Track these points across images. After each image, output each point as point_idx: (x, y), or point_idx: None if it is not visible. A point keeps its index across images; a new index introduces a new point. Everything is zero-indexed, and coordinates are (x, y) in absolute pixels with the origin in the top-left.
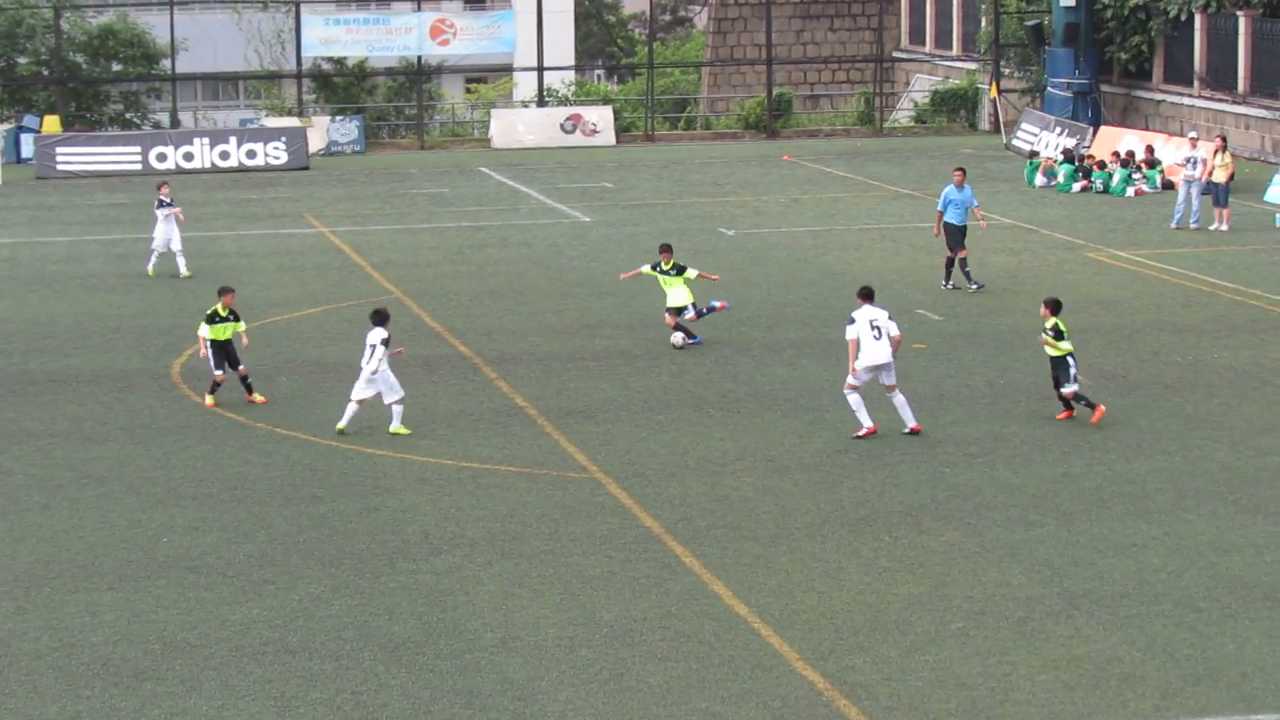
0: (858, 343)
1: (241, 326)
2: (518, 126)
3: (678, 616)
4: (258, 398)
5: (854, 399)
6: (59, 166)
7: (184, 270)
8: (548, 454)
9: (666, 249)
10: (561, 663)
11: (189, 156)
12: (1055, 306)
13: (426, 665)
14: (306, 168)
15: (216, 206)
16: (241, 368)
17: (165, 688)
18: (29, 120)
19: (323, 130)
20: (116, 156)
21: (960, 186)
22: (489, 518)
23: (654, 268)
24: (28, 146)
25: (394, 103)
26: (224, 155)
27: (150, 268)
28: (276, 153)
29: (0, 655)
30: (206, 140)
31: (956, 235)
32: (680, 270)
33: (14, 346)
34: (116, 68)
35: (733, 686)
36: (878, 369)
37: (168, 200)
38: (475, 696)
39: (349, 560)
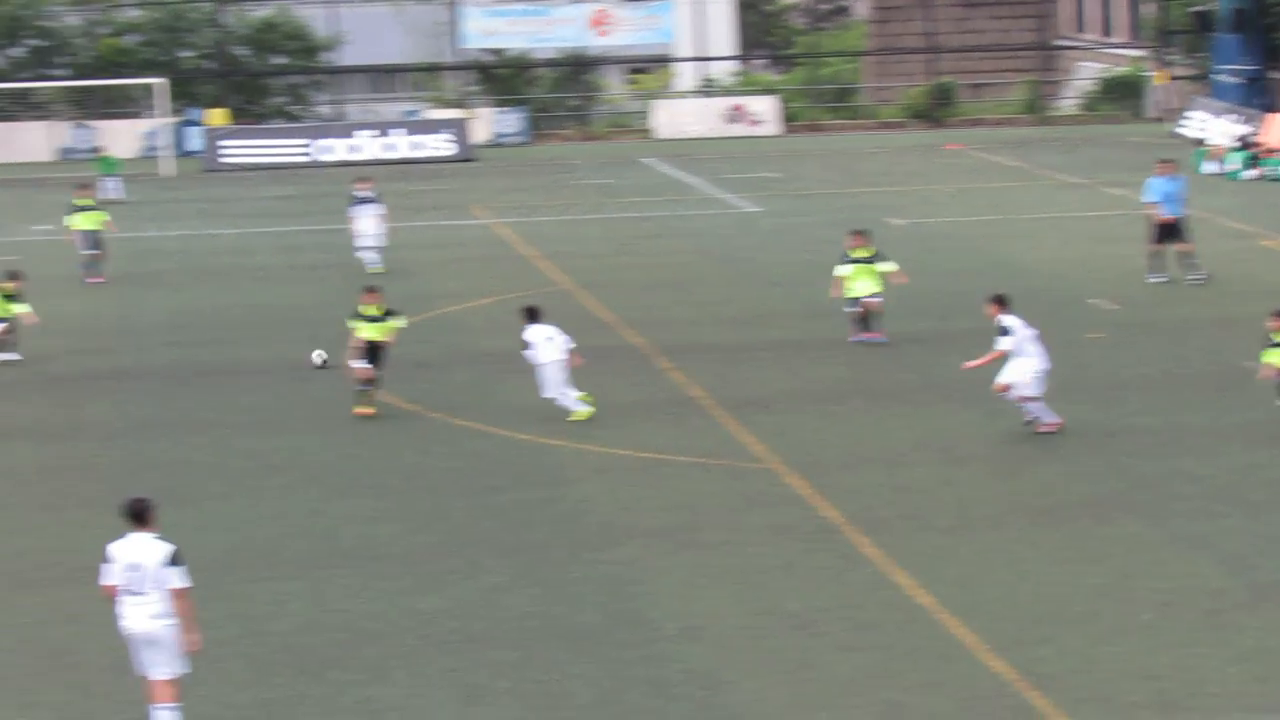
0: (1011, 353)
1: (399, 323)
2: (680, 117)
3: (860, 607)
4: (368, 410)
5: (1035, 406)
6: (226, 159)
7: (372, 265)
8: (723, 444)
9: (859, 235)
10: (746, 652)
11: (355, 149)
12: None
13: (611, 655)
14: (472, 159)
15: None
16: (379, 371)
17: (352, 676)
18: (195, 113)
19: (487, 122)
20: (283, 149)
21: (1170, 177)
22: (667, 508)
23: (844, 261)
24: (195, 140)
25: (556, 94)
26: (389, 147)
27: (378, 264)
28: (442, 144)
29: None
30: (373, 132)
31: (1170, 229)
32: (878, 258)
33: (187, 338)
34: (279, 60)
35: (917, 677)
36: (1040, 375)
37: (368, 196)
38: (662, 686)
39: (529, 550)
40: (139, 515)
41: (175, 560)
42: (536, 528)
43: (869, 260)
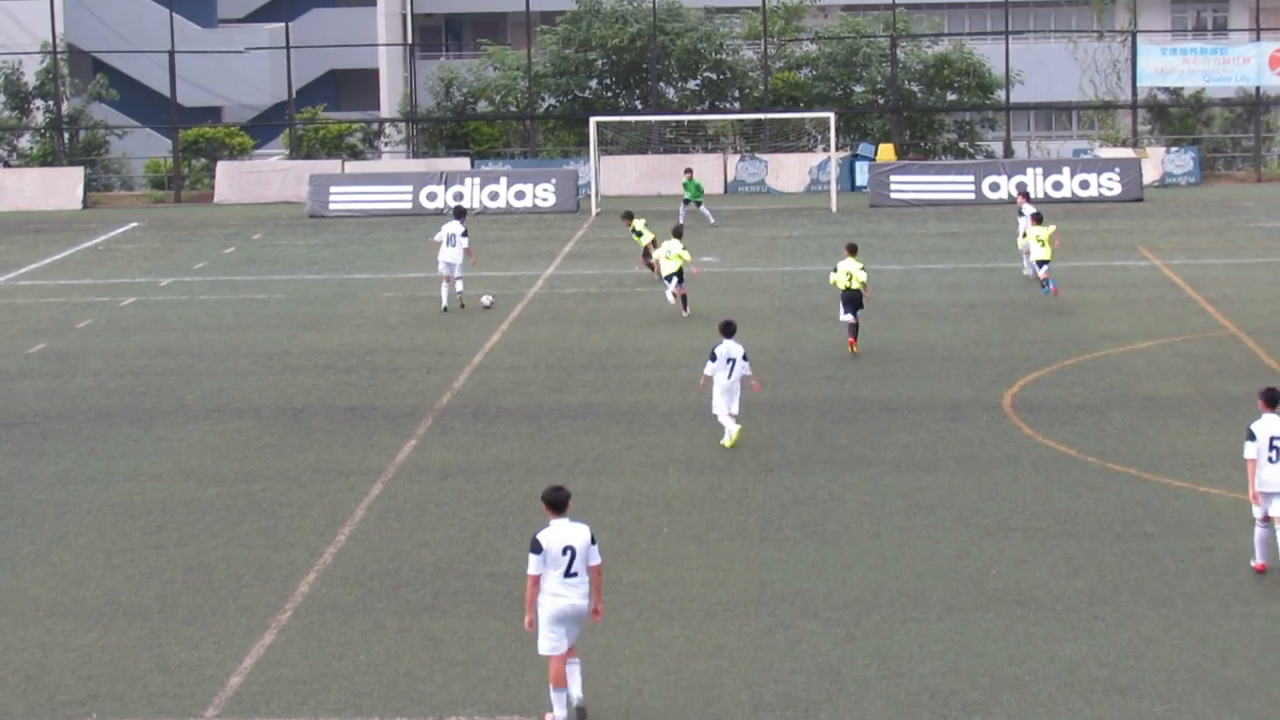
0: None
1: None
2: None
3: None
4: None
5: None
6: (892, 195)
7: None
8: None
9: None
10: None
11: (1020, 187)
12: None
13: (1260, 712)
14: (1140, 199)
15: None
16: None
17: None
18: (864, 148)
19: (1157, 162)
20: (949, 185)
21: None
22: None
23: None
24: (862, 174)
25: (1230, 134)
26: (1057, 185)
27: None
28: (1110, 184)
29: (830, 682)
30: (1039, 170)
31: None
32: None
33: (846, 373)
34: (951, 97)
35: None
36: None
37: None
38: None
39: (1180, 600)
40: (560, 503)
41: (594, 539)
42: (1189, 577)
43: None
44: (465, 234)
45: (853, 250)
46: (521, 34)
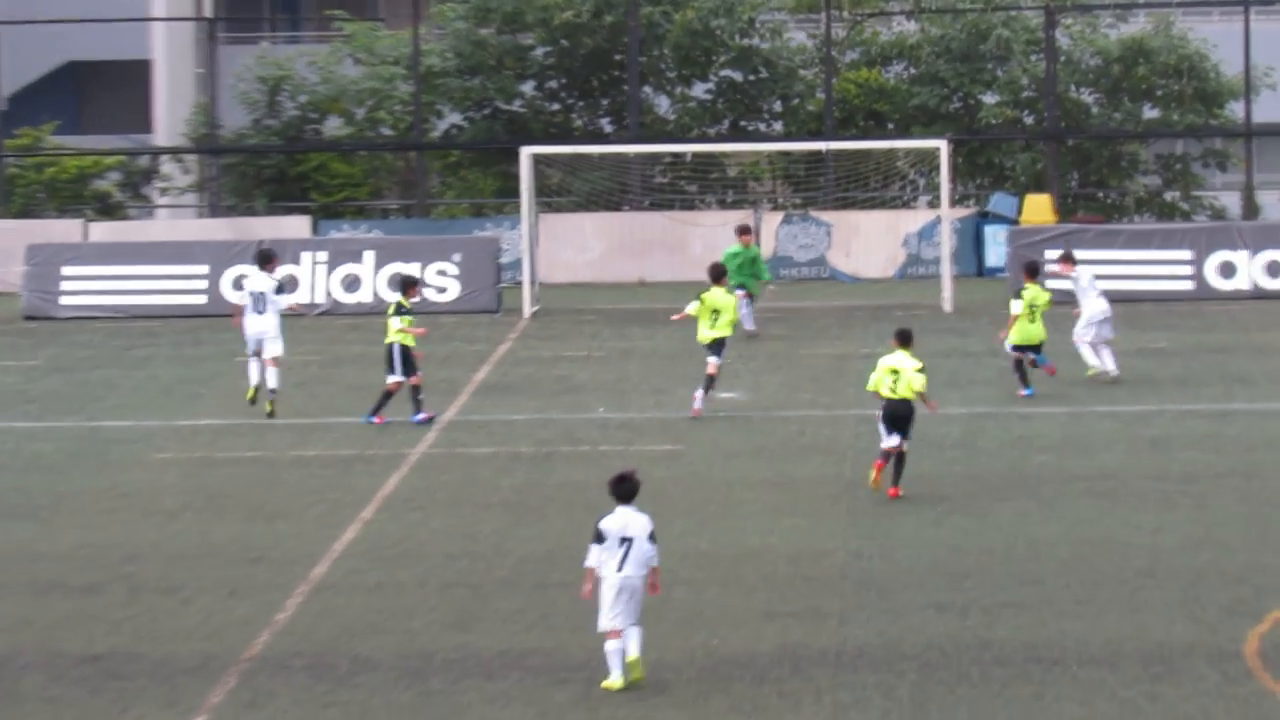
0: None
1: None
2: None
3: None
4: None
5: None
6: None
7: None
8: None
9: None
10: None
11: (1275, 269)
12: None
13: None
14: None
15: None
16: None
17: None
18: (999, 202)
19: None
20: (1150, 269)
21: None
22: None
23: None
24: (996, 248)
25: None
26: None
27: None
28: None
29: None
30: None
31: None
32: None
33: (970, 599)
34: (1150, 113)
35: None
36: None
37: None
38: None
39: None
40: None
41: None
42: None
43: None
44: (281, 289)
45: (904, 340)
46: (403, 2)
